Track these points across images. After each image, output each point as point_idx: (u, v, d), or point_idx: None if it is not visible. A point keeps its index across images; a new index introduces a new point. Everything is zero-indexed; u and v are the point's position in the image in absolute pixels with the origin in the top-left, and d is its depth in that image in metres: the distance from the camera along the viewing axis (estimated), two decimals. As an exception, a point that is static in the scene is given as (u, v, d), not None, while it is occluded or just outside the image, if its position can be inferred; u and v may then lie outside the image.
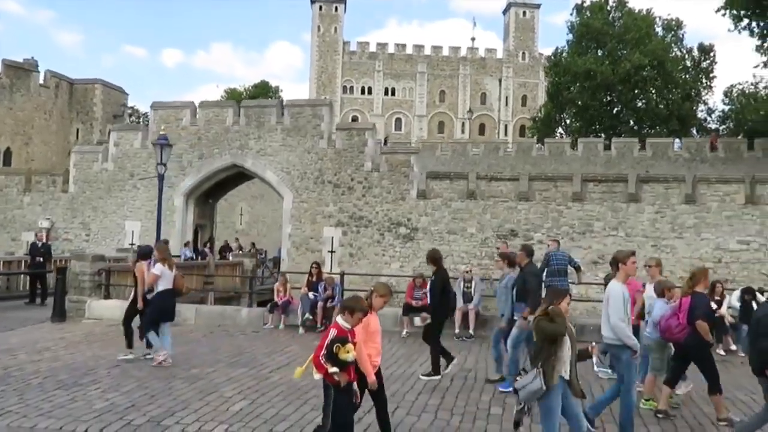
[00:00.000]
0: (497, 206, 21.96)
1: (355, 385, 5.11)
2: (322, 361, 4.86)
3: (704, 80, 52.37)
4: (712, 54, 52.24)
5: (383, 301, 5.52)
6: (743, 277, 20.33)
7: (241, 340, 10.80)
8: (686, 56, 52.38)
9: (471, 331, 11.19)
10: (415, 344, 10.78)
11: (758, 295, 11.06)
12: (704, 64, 52.49)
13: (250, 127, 23.76)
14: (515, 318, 7.86)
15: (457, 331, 11.18)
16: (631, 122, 49.94)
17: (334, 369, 4.81)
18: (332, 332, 4.94)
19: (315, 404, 6.58)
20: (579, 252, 21.28)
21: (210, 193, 25.76)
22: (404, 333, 11.32)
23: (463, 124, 71.43)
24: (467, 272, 11.90)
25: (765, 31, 27.15)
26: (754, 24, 29.39)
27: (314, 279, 12.07)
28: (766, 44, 27.50)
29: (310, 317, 11.53)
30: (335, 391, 4.88)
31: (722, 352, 10.44)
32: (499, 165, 34.27)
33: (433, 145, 40.79)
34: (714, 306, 10.62)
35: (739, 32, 29.46)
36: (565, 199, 21.53)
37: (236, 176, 25.35)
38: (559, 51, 52.26)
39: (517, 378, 5.52)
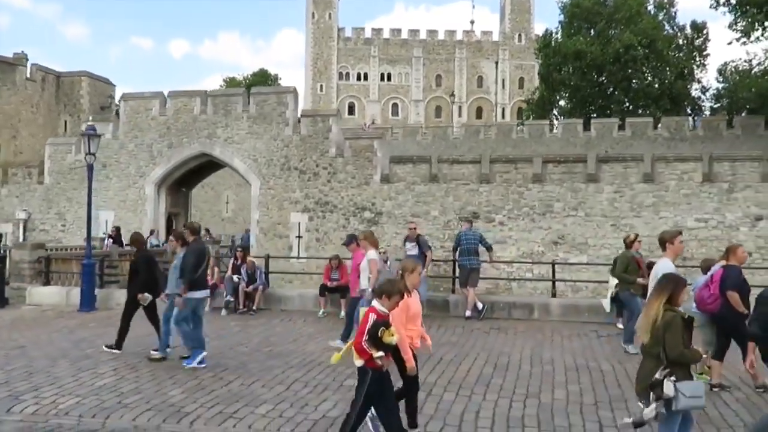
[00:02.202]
0: (459, 189, 22.13)
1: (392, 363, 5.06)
2: (365, 347, 4.76)
3: (697, 58, 51.77)
4: (705, 32, 51.53)
5: (417, 276, 5.46)
6: (701, 254, 20.20)
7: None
8: (679, 34, 51.78)
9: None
10: (330, 323, 11.15)
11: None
12: (697, 42, 51.84)
13: (217, 116, 24.08)
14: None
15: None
16: (626, 102, 49.63)
17: (380, 353, 4.73)
18: (371, 317, 4.83)
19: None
20: (539, 233, 21.53)
21: (183, 182, 26.17)
22: (321, 313, 11.65)
23: (460, 108, 71.24)
24: (382, 253, 12.16)
25: (738, 8, 26.85)
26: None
27: (239, 263, 12.41)
28: (739, 21, 27.22)
29: (232, 300, 11.89)
30: (373, 375, 4.78)
31: (620, 325, 10.63)
32: (480, 147, 34.33)
33: (414, 129, 40.90)
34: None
35: (716, 9, 29.13)
36: (526, 181, 21.65)
37: (207, 165, 25.72)
38: (549, 32, 51.88)
39: None
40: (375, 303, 5.00)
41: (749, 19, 26.47)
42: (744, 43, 30.30)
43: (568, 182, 21.35)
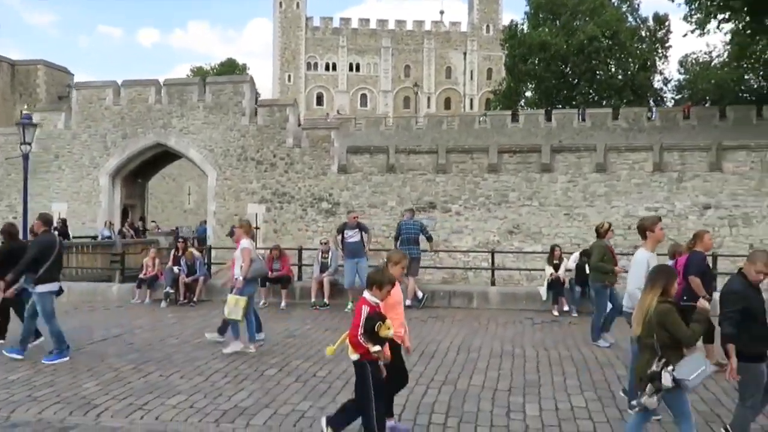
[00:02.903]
0: (416, 179, 22.17)
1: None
2: (361, 341, 4.69)
3: (660, 50, 52.63)
4: (667, 24, 52.37)
5: (400, 268, 5.33)
6: (652, 243, 20.81)
7: (92, 315, 11.02)
8: (641, 26, 52.52)
9: (326, 300, 11.47)
10: (269, 313, 11.10)
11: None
12: (659, 34, 52.66)
13: (172, 106, 23.71)
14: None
15: (313, 300, 11.48)
16: (591, 93, 50.18)
17: (377, 348, 4.68)
18: (364, 309, 4.75)
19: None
20: (495, 222, 21.70)
21: (139, 173, 25.75)
22: (261, 303, 11.59)
23: (428, 99, 71.27)
24: (324, 243, 12.15)
25: (692, 0, 27.27)
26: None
27: (180, 254, 12.27)
28: (694, 13, 27.65)
29: (171, 291, 11.76)
30: (371, 367, 4.76)
31: (556, 313, 10.83)
32: (443, 138, 34.42)
33: (377, 120, 40.84)
34: (551, 270, 11.03)
35: (672, 0, 29.54)
36: (481, 171, 21.77)
37: (163, 155, 25.32)
38: (514, 24, 52.20)
39: None
40: (366, 294, 4.91)
41: (703, 12, 26.93)
42: (701, 35, 30.81)
43: (523, 172, 21.53)
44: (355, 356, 4.80)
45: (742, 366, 4.62)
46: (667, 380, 4.24)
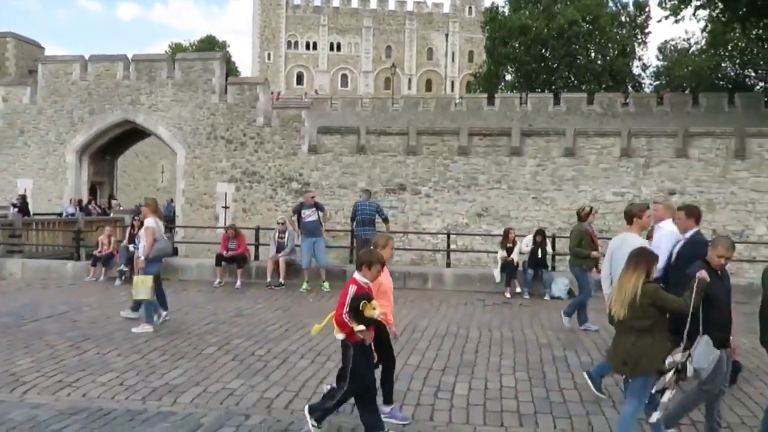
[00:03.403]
0: (386, 160, 22.13)
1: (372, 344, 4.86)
2: (346, 320, 4.59)
3: (639, 36, 52.76)
4: (647, 9, 52.45)
5: (389, 252, 5.25)
6: (618, 227, 20.91)
7: (43, 292, 10.91)
8: (621, 12, 52.55)
9: (281, 280, 11.46)
10: (223, 293, 11.08)
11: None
12: (639, 20, 52.76)
13: (141, 82, 23.34)
14: None
15: (269, 279, 11.46)
16: (571, 78, 50.24)
17: (361, 327, 4.58)
18: (352, 289, 4.67)
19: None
20: (464, 205, 21.77)
21: (107, 150, 25.39)
22: (216, 283, 11.56)
23: (409, 80, 70.95)
24: (281, 223, 12.11)
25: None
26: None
27: (135, 232, 12.12)
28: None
29: (126, 269, 11.66)
30: (356, 349, 4.68)
31: (508, 295, 10.94)
32: (418, 120, 34.30)
33: (353, 100, 40.59)
34: (504, 253, 11.10)
35: (648, -13, 29.60)
36: (451, 153, 21.78)
37: (132, 132, 24.97)
38: (495, 6, 51.96)
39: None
40: (356, 275, 4.81)
41: (676, -2, 27.03)
42: (675, 22, 30.93)
43: (492, 155, 21.58)
44: (340, 336, 4.73)
45: None
46: (691, 371, 4.26)
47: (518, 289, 10.99)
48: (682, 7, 27.20)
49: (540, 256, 11.00)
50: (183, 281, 11.99)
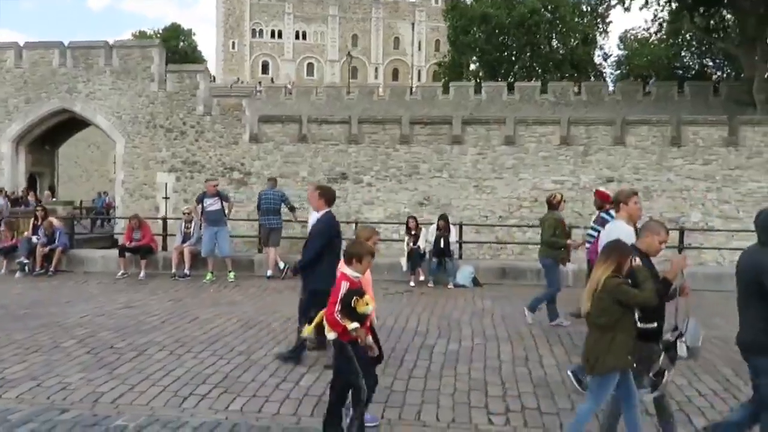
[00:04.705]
0: (328, 149, 21.93)
1: (370, 338, 4.61)
2: (338, 318, 4.37)
3: (600, 25, 53.06)
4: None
5: (372, 244, 5.02)
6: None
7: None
8: (583, 1, 52.76)
9: (187, 271, 11.26)
10: (125, 284, 10.85)
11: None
12: (600, 9, 53.03)
13: (78, 69, 22.79)
14: None
15: (173, 270, 11.26)
16: (534, 67, 50.36)
17: (355, 325, 4.36)
18: (344, 284, 4.43)
19: None
20: (405, 194, 21.69)
21: (46, 139, 24.80)
22: (120, 274, 11.32)
23: (376, 69, 70.61)
24: (187, 213, 11.90)
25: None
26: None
27: (39, 223, 11.84)
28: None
29: (26, 261, 11.36)
30: (354, 347, 4.42)
31: (412, 283, 10.89)
32: (373, 109, 34.10)
33: (308, 89, 40.25)
34: (410, 241, 11.02)
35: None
36: (393, 142, 21.66)
37: (72, 121, 24.39)
38: (456, -6, 51.74)
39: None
40: (346, 269, 4.55)
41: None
42: (626, 10, 31.09)
43: (434, 144, 21.51)
44: (332, 335, 4.50)
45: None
46: (682, 350, 4.10)
47: (422, 278, 10.94)
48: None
49: (443, 244, 10.94)
50: (88, 273, 11.73)
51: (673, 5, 31.37)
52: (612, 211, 8.33)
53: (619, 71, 53.76)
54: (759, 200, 20.13)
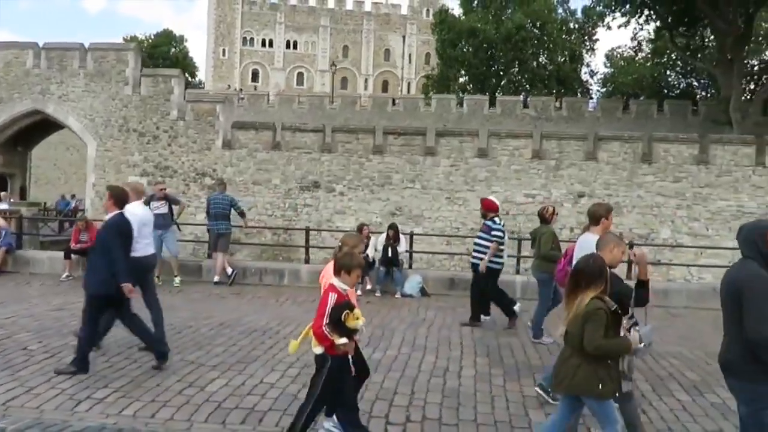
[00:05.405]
0: (301, 157, 21.84)
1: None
2: (326, 332, 4.22)
3: (587, 43, 53.49)
4: (595, 17, 53.11)
5: (358, 252, 4.88)
6: (528, 228, 20.99)
7: None
8: (570, 18, 53.19)
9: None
10: (68, 287, 10.67)
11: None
12: (588, 27, 53.45)
13: (51, 71, 22.65)
14: None
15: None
16: (522, 82, 50.59)
17: (343, 340, 4.21)
18: (331, 296, 4.28)
19: None
20: (377, 204, 21.61)
21: (19, 140, 24.59)
22: (64, 276, 11.14)
23: (366, 80, 70.81)
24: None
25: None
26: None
27: (-16, 223, 11.64)
28: (593, 6, 28.03)
29: (-33, 260, 11.18)
30: (334, 362, 4.30)
31: (359, 292, 10.75)
32: (355, 119, 34.13)
33: (290, 97, 40.25)
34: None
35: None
36: (366, 152, 21.61)
37: (45, 123, 24.21)
38: (444, 8, 52.12)
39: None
40: (334, 280, 4.41)
41: (601, 4, 27.31)
42: (608, 28, 31.28)
43: (407, 154, 21.47)
44: (318, 349, 4.34)
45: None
46: (635, 339, 4.01)
47: (369, 286, 10.83)
48: (606, 12, 27.55)
49: (391, 254, 10.84)
50: (33, 274, 11.54)
51: (653, 25, 31.72)
52: (496, 219, 8.38)
53: (605, 89, 54.09)
54: (728, 218, 20.23)
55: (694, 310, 10.44)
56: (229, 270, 11.12)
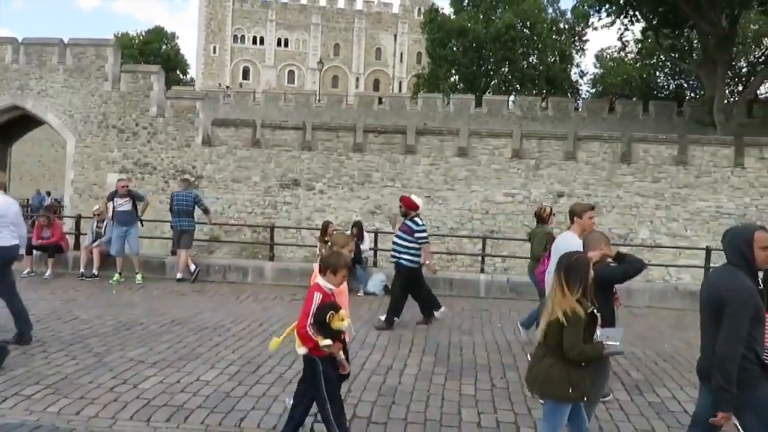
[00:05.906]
0: (281, 155, 21.76)
1: (341, 354, 4.41)
2: (310, 333, 4.20)
3: (577, 43, 53.53)
4: (580, 17, 53.13)
5: (347, 251, 4.88)
6: (508, 227, 21.13)
7: None
8: (560, 18, 53.23)
9: (95, 271, 11.01)
10: (30, 283, 10.56)
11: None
12: (578, 28, 53.50)
13: (30, 66, 22.47)
14: None
15: (82, 270, 10.99)
16: (513, 81, 50.60)
17: (327, 342, 4.17)
18: (317, 297, 4.25)
19: None
20: (357, 202, 21.54)
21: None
22: (25, 272, 11.03)
23: (357, 79, 70.71)
24: (98, 214, 11.66)
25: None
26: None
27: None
28: (578, 6, 28.03)
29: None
30: (323, 363, 4.27)
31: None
32: (341, 117, 34.05)
33: (277, 95, 40.12)
34: (322, 248, 10.83)
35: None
36: (346, 150, 21.54)
37: (26, 119, 24.03)
38: (434, 7, 52.10)
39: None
40: (320, 280, 4.38)
41: (586, 5, 27.31)
42: (595, 29, 31.27)
43: (387, 153, 21.42)
44: (302, 350, 4.31)
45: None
46: (602, 337, 3.91)
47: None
48: (591, 12, 27.56)
49: (354, 252, 10.74)
50: (-5, 270, 11.39)
51: (638, 25, 31.76)
52: (417, 220, 8.38)
53: (594, 89, 54.16)
54: (706, 219, 20.27)
55: (656, 309, 10.43)
56: (192, 267, 11.04)
